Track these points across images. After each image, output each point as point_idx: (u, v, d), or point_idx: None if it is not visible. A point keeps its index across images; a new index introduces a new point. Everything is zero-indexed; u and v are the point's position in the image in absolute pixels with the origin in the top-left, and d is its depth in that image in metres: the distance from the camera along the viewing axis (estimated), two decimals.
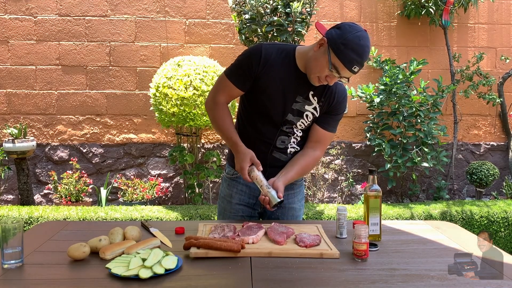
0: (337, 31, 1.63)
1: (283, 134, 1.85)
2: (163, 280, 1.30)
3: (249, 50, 1.80)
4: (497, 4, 4.64)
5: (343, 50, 1.59)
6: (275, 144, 1.86)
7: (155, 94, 3.83)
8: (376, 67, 4.42)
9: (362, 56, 1.60)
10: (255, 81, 1.78)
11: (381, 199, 1.68)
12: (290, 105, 1.79)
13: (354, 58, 1.59)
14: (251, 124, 1.88)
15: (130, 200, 3.96)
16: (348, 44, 1.59)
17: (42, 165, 4.32)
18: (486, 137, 4.73)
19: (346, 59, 1.59)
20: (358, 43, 1.59)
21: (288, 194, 1.96)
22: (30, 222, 3.36)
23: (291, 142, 1.87)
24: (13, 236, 1.38)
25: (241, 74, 1.80)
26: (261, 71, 1.75)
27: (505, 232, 3.60)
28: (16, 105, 4.28)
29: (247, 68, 1.77)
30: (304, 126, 1.85)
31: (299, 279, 1.33)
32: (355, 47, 1.59)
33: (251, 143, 1.87)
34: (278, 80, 1.76)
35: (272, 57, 1.75)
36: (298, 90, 1.78)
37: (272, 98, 1.79)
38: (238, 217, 1.95)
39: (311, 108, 1.81)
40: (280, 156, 1.88)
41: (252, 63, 1.76)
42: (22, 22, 4.25)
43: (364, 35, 1.62)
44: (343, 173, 4.51)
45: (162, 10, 4.34)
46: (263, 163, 1.85)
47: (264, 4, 3.62)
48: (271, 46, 1.79)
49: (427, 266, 1.43)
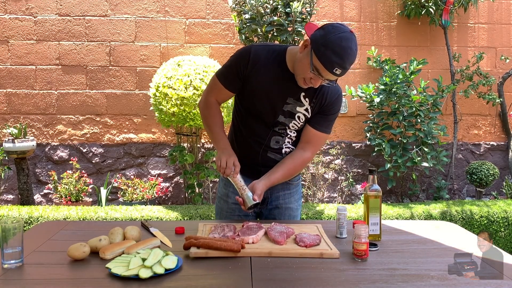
0: (321, 32, 1.58)
1: (276, 135, 1.85)
2: (163, 280, 1.30)
3: (239, 51, 1.80)
4: (497, 4, 4.64)
5: (324, 52, 1.54)
6: (268, 145, 1.85)
7: (155, 94, 3.83)
8: (376, 67, 4.42)
9: (343, 58, 1.54)
10: (244, 83, 1.78)
11: (381, 199, 1.68)
12: (281, 106, 1.78)
13: (335, 60, 1.53)
14: (244, 124, 1.88)
15: (130, 200, 3.96)
16: (329, 46, 1.53)
17: (42, 165, 4.32)
18: (486, 137, 4.73)
19: (327, 61, 1.54)
20: (339, 44, 1.53)
21: (285, 194, 1.97)
22: (30, 222, 3.36)
23: (285, 143, 1.87)
24: (13, 236, 1.38)
25: (229, 75, 1.81)
26: (250, 73, 1.75)
27: (505, 232, 3.60)
28: (16, 105, 4.28)
29: (236, 69, 1.78)
30: (297, 127, 1.84)
31: (299, 279, 1.33)
32: (336, 49, 1.53)
33: (245, 143, 1.88)
34: (267, 82, 1.75)
35: (261, 58, 1.75)
36: (289, 91, 1.76)
37: (262, 100, 1.78)
38: (234, 217, 1.95)
39: (302, 109, 1.79)
40: (275, 157, 1.87)
41: (240, 64, 1.77)
42: (22, 22, 4.25)
43: (347, 36, 1.55)
44: (343, 173, 4.51)
45: (162, 10, 4.34)
46: (256, 163, 1.86)
47: (264, 4, 3.62)
48: (262, 47, 1.78)
49: (427, 266, 1.43)
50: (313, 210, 3.63)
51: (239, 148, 1.93)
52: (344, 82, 4.44)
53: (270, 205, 1.96)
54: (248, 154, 1.89)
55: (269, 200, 1.95)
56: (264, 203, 1.95)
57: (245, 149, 1.89)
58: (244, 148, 1.90)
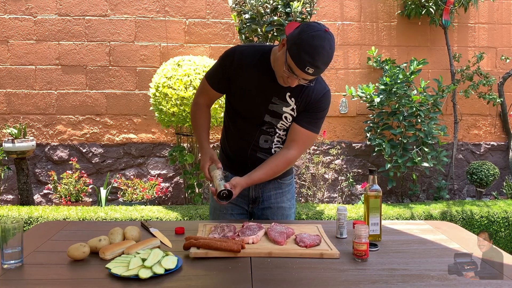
0: (296, 31, 1.58)
1: (264, 133, 1.85)
2: (163, 280, 1.30)
3: (224, 52, 1.82)
4: (498, 4, 4.64)
5: (295, 51, 1.54)
6: (257, 144, 1.86)
7: (155, 94, 3.82)
8: (376, 67, 4.42)
9: (314, 57, 1.51)
10: (230, 83, 1.80)
11: (381, 199, 1.68)
12: (267, 106, 1.78)
13: (306, 59, 1.52)
14: (233, 123, 1.90)
15: (130, 200, 3.96)
16: (300, 44, 1.53)
17: (41, 165, 4.32)
18: (486, 137, 4.73)
19: (299, 60, 1.53)
20: (310, 43, 1.51)
21: (276, 194, 1.97)
22: (30, 222, 3.36)
23: (274, 142, 1.87)
24: (13, 236, 1.38)
25: (216, 76, 1.85)
26: (234, 73, 1.77)
27: (505, 232, 3.59)
28: (15, 105, 4.28)
29: (221, 70, 1.81)
30: (285, 127, 1.84)
31: (299, 279, 1.33)
32: (306, 48, 1.51)
33: (234, 142, 1.91)
34: (252, 81, 1.76)
35: (246, 58, 1.76)
36: (274, 91, 1.76)
37: (247, 99, 1.80)
38: (227, 215, 1.96)
39: (289, 109, 1.78)
40: (264, 156, 1.87)
41: (225, 64, 1.79)
42: (22, 22, 4.25)
43: (320, 35, 1.52)
44: (343, 173, 4.51)
45: (162, 10, 4.34)
46: (244, 161, 1.88)
47: (264, 3, 3.62)
48: (247, 48, 1.80)
49: (427, 266, 1.43)
50: (313, 210, 3.63)
51: (229, 146, 1.95)
52: (344, 82, 4.44)
53: (261, 204, 1.96)
54: (238, 153, 1.91)
55: (261, 200, 1.96)
56: (255, 203, 1.96)
57: (235, 148, 1.92)
58: (234, 147, 1.93)
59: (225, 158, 1.98)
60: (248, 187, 1.89)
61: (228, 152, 1.96)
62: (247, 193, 1.93)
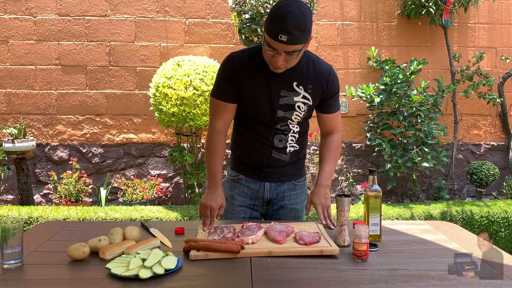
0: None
1: (279, 133, 1.84)
2: (163, 280, 1.30)
3: (222, 63, 1.82)
4: (498, 4, 4.64)
5: (267, 24, 1.60)
6: (272, 144, 1.85)
7: (155, 94, 3.82)
8: (376, 67, 4.42)
9: (282, 23, 1.54)
10: (239, 90, 1.79)
11: (381, 199, 1.68)
12: (277, 101, 1.78)
13: (277, 27, 1.56)
14: (245, 127, 1.89)
15: (130, 200, 3.96)
16: (270, 16, 1.60)
17: (41, 165, 4.31)
18: (486, 137, 4.73)
19: (270, 30, 1.58)
20: (277, 11, 1.58)
21: (291, 195, 1.97)
22: (30, 222, 3.36)
23: (289, 141, 1.86)
24: (13, 236, 1.38)
25: (224, 88, 1.81)
26: (240, 78, 1.77)
27: (505, 232, 3.59)
28: (15, 105, 4.28)
29: (227, 79, 1.79)
30: (300, 118, 1.83)
31: (299, 279, 1.33)
32: (275, 17, 1.58)
33: (248, 144, 1.88)
34: (258, 82, 1.77)
35: (246, 62, 1.77)
36: (280, 84, 1.76)
37: (257, 101, 1.79)
38: (240, 218, 1.95)
39: (300, 98, 1.79)
40: (280, 156, 1.87)
41: (228, 73, 1.78)
42: (22, 22, 4.25)
43: (286, 2, 1.58)
44: (343, 173, 4.51)
45: (162, 10, 4.34)
46: (260, 164, 1.87)
47: (264, 3, 3.62)
48: (242, 53, 1.81)
49: (427, 266, 1.43)
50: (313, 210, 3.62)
51: (241, 150, 1.93)
52: (344, 82, 4.44)
53: (275, 205, 1.96)
54: (251, 156, 1.89)
55: (275, 201, 1.95)
56: (270, 204, 1.96)
57: (248, 150, 1.90)
58: (247, 150, 1.90)
59: (238, 160, 1.97)
60: (264, 189, 1.92)
61: (241, 156, 1.95)
62: (262, 195, 1.94)
